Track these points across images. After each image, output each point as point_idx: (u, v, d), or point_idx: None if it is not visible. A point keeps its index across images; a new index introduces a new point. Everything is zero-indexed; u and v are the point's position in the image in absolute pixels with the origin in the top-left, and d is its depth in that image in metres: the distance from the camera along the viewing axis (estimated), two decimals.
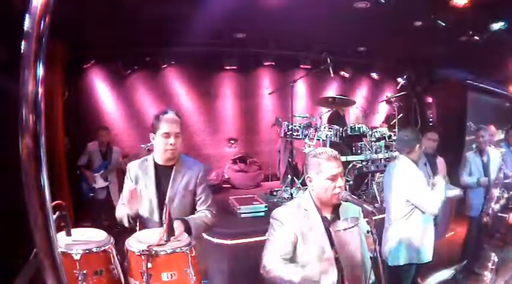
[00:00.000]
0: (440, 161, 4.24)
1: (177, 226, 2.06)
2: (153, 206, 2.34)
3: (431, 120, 7.99)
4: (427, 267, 3.08)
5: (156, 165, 2.39)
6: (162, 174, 2.37)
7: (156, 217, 2.32)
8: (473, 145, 4.63)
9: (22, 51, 0.65)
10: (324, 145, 4.82)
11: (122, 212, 2.32)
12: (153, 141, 2.36)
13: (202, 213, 2.38)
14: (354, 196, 2.02)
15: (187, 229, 2.16)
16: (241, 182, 6.27)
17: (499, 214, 4.20)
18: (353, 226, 1.79)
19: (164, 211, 2.26)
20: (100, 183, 5.08)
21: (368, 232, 1.85)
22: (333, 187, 1.94)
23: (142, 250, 1.79)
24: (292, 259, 1.98)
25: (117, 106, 6.15)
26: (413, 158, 3.09)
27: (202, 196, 2.42)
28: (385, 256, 3.01)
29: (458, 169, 4.63)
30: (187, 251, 1.86)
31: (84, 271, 1.76)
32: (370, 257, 1.98)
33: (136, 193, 2.19)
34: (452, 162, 4.54)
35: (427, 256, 3.01)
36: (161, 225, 2.28)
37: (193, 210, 2.42)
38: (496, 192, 4.21)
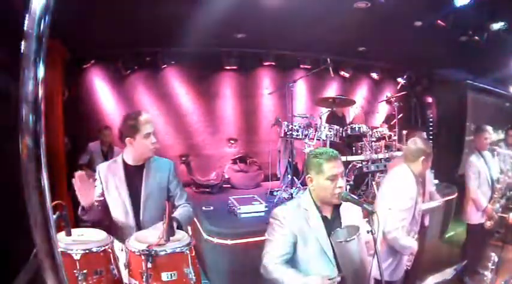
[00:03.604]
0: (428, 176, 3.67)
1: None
2: (127, 208, 2.33)
3: (431, 120, 7.99)
4: (427, 267, 3.07)
5: (126, 166, 2.38)
6: (133, 175, 2.37)
7: (131, 219, 2.32)
8: (475, 147, 4.28)
9: (22, 51, 0.64)
10: (324, 145, 4.81)
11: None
12: (129, 144, 2.32)
13: (185, 207, 2.42)
14: (354, 196, 2.02)
15: (179, 227, 2.18)
16: (241, 182, 6.26)
17: (499, 214, 4.19)
18: (353, 238, 1.79)
19: (137, 213, 2.30)
20: None
21: (368, 232, 1.85)
22: (333, 187, 1.95)
23: (143, 250, 1.79)
24: (293, 259, 1.98)
25: (117, 106, 6.15)
26: (414, 170, 2.85)
27: (177, 191, 2.45)
28: None
29: (457, 168, 4.58)
30: (187, 251, 1.87)
31: (84, 271, 1.76)
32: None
33: (85, 178, 2.14)
34: (452, 162, 4.50)
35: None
36: (137, 226, 2.28)
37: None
38: (499, 193, 4.17)
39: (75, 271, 1.74)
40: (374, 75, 7.83)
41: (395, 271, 2.85)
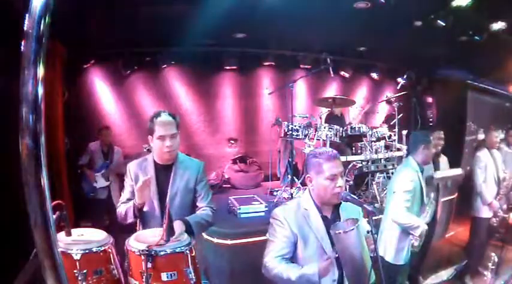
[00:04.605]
0: (443, 161, 4.23)
1: (177, 226, 2.06)
2: (155, 205, 2.34)
3: (431, 120, 7.98)
4: (428, 266, 3.08)
5: (155, 164, 2.40)
6: (162, 173, 2.38)
7: (158, 216, 2.33)
8: (484, 145, 4.44)
9: (22, 51, 0.64)
10: (324, 145, 4.81)
11: (127, 205, 2.32)
12: (151, 143, 2.36)
13: (204, 211, 2.40)
14: (354, 196, 2.02)
15: (189, 229, 2.17)
16: (241, 182, 6.26)
17: (499, 213, 4.21)
18: (352, 229, 1.78)
19: (164, 211, 2.29)
20: (101, 182, 5.08)
21: (368, 232, 1.85)
22: (333, 186, 1.94)
23: (142, 250, 1.79)
24: (293, 259, 1.99)
25: (117, 106, 6.15)
26: (418, 159, 3.09)
27: (202, 192, 2.44)
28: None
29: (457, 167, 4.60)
30: (187, 251, 1.86)
31: (84, 271, 1.76)
32: (371, 257, 1.98)
33: (149, 182, 2.21)
34: (452, 162, 4.52)
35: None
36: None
37: (193, 207, 2.43)
38: (504, 192, 4.23)
39: (75, 271, 1.74)
40: (374, 75, 7.83)
41: (401, 254, 2.96)
